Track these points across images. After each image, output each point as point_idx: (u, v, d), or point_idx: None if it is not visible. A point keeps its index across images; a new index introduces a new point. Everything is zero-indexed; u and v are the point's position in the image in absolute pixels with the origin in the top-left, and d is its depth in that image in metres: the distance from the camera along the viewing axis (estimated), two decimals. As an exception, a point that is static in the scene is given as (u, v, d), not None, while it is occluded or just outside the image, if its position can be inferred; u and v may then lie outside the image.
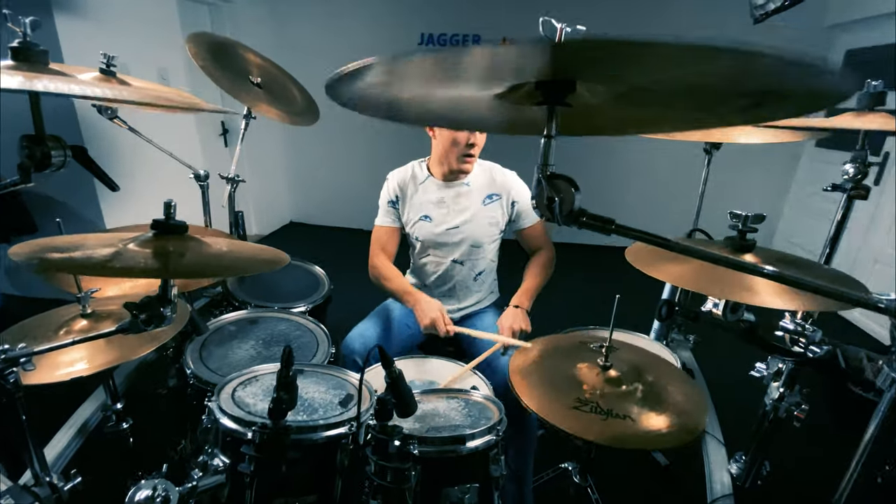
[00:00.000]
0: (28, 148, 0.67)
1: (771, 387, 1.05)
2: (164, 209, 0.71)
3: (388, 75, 0.46)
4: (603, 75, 0.47)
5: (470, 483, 0.84)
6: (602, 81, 0.48)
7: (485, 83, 0.51)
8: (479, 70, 0.48)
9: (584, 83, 0.48)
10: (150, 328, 0.72)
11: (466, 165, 1.58)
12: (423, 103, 0.58)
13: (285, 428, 0.80)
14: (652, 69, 0.41)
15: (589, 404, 0.98)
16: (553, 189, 0.48)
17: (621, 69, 0.44)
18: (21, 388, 0.86)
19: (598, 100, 0.50)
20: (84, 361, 1.09)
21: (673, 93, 0.47)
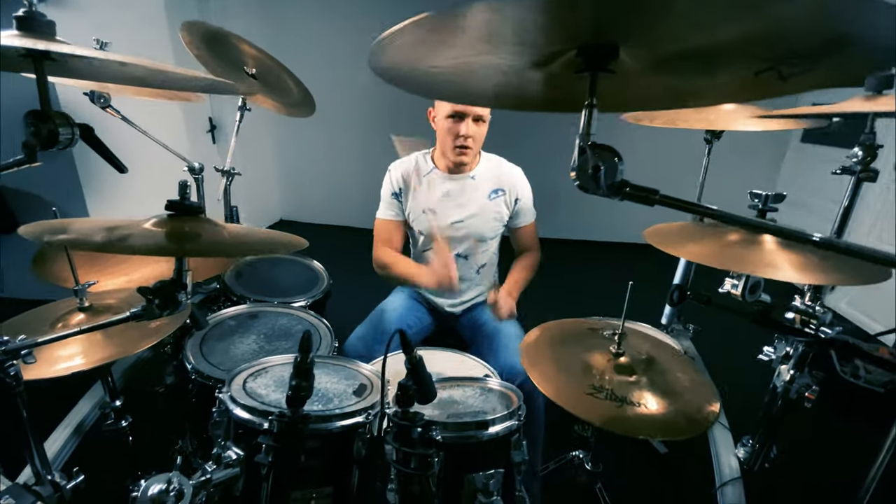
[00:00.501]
0: (34, 125, 0.64)
1: (780, 369, 1.06)
2: (179, 190, 0.68)
3: (436, 33, 0.45)
4: (648, 35, 0.46)
5: (493, 469, 0.82)
6: (646, 44, 0.47)
7: (527, 49, 0.50)
8: (527, 27, 0.47)
9: (627, 49, 0.47)
10: (165, 313, 0.69)
11: (462, 157, 1.56)
12: (460, 76, 0.57)
13: (304, 416, 0.78)
14: (703, 21, 0.40)
15: (604, 391, 0.97)
16: (599, 158, 0.48)
17: (668, 26, 0.43)
18: (21, 382, 0.82)
19: (639, 65, 0.49)
20: (81, 356, 1.05)
21: (715, 55, 0.47)
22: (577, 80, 0.53)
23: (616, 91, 0.57)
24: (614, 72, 0.49)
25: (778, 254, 0.77)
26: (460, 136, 1.50)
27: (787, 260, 0.76)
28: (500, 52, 0.52)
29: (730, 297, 0.97)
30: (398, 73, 0.54)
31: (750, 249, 0.78)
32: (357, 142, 4.51)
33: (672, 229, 0.90)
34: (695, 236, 0.86)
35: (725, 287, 0.86)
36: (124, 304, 1.21)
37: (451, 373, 1.30)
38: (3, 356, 0.77)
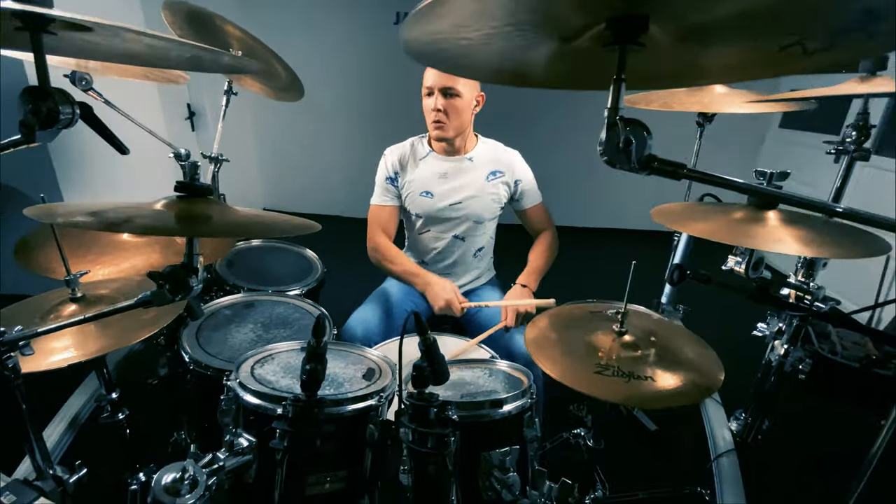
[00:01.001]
0: (32, 102, 0.60)
1: (774, 344, 1.10)
2: (188, 171, 0.66)
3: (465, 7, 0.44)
4: (680, 3, 0.46)
5: (507, 446, 0.84)
6: (676, 14, 0.47)
7: (555, 22, 0.50)
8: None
9: (657, 20, 0.47)
10: (177, 298, 0.67)
11: (438, 132, 1.58)
12: (486, 53, 0.56)
13: (319, 400, 0.77)
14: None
15: (610, 368, 0.99)
16: (630, 132, 0.48)
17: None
18: (20, 374, 0.79)
19: (668, 38, 0.49)
20: (76, 348, 1.01)
21: (744, 26, 0.47)
22: (601, 56, 0.53)
23: (640, 67, 0.57)
24: (644, 44, 0.49)
25: (782, 229, 0.80)
26: (432, 110, 1.53)
27: (791, 235, 0.78)
28: (528, 26, 0.51)
29: (728, 276, 0.99)
30: (427, 48, 0.53)
31: (756, 226, 0.80)
32: (341, 130, 4.44)
33: (678, 209, 0.91)
34: (701, 215, 0.88)
35: (729, 264, 0.88)
36: (119, 294, 1.18)
37: (450, 357, 1.31)
38: (1, 348, 0.74)
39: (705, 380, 0.98)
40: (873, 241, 0.75)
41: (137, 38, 0.63)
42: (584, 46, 0.53)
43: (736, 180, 0.49)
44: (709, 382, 0.97)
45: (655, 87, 0.67)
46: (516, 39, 0.52)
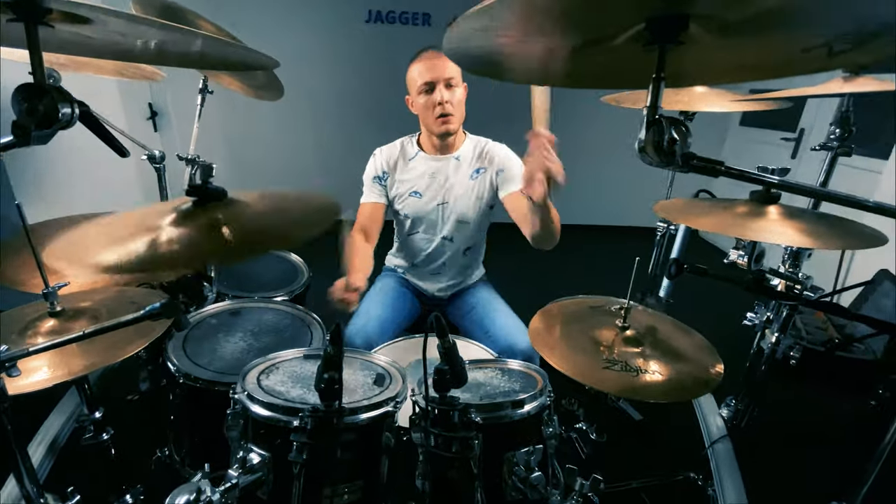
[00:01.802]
0: (27, 101, 0.55)
1: (766, 333, 1.15)
2: (203, 172, 0.62)
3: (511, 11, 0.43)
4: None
5: (528, 445, 0.84)
6: (716, 14, 0.47)
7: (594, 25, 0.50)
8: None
9: (696, 19, 0.48)
10: (192, 309, 0.63)
11: (447, 126, 1.53)
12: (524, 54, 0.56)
13: (339, 410, 0.75)
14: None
15: (618, 363, 1.01)
16: (676, 130, 0.48)
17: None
18: (7, 397, 0.73)
19: (705, 35, 0.50)
20: (55, 367, 0.93)
21: (781, 22, 0.48)
22: (632, 55, 0.54)
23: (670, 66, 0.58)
24: (683, 42, 0.49)
25: (782, 222, 0.83)
26: (438, 104, 1.49)
27: (792, 227, 0.82)
28: (566, 28, 0.51)
29: (724, 268, 1.03)
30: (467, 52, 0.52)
31: (758, 219, 0.83)
32: (315, 130, 4.32)
33: (680, 205, 0.94)
34: (704, 210, 0.91)
35: (732, 257, 0.92)
36: (101, 306, 1.10)
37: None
38: (-14, 370, 0.68)
39: (707, 372, 1.01)
40: (867, 232, 0.79)
41: (142, 31, 0.59)
42: (619, 46, 0.53)
43: (772, 178, 0.50)
44: (710, 375, 1.00)
45: (675, 86, 0.68)
46: (552, 47, 0.52)
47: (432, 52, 1.50)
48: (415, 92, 1.53)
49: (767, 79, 0.60)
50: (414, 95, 1.55)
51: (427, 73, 1.48)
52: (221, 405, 1.21)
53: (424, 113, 1.55)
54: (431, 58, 1.48)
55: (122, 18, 0.52)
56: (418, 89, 1.51)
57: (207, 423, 1.28)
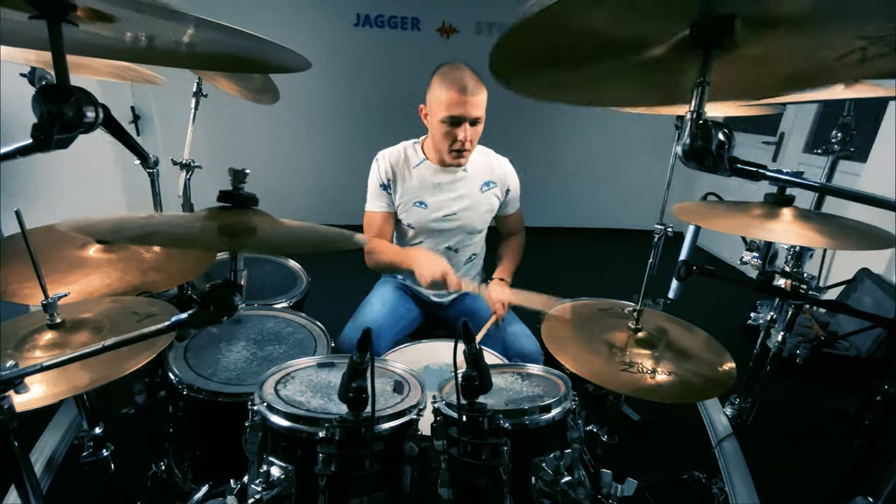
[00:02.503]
0: (50, 103, 0.53)
1: (771, 332, 1.18)
2: (235, 178, 0.60)
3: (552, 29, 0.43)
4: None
5: (554, 450, 0.83)
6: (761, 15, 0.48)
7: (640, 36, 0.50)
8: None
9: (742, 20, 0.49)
10: (222, 320, 0.61)
11: (460, 160, 1.52)
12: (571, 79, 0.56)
13: (367, 419, 0.73)
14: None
15: (635, 365, 1.02)
16: (724, 134, 0.49)
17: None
18: (15, 417, 0.69)
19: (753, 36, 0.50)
20: (55, 383, 0.89)
21: (822, 25, 0.49)
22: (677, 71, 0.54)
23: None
24: (727, 47, 0.50)
25: (796, 224, 0.85)
26: (458, 140, 1.45)
27: (806, 227, 0.84)
28: (611, 46, 0.51)
29: (730, 269, 1.05)
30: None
31: (774, 221, 0.85)
32: (304, 137, 4.25)
33: (697, 207, 0.95)
34: (721, 212, 0.93)
35: (745, 258, 0.93)
36: (102, 318, 1.06)
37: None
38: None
39: (719, 371, 1.03)
40: (878, 234, 0.82)
41: (171, 29, 0.57)
42: (661, 59, 0.54)
43: (812, 182, 0.51)
44: (723, 373, 1.02)
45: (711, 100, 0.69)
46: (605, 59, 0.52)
47: (467, 79, 1.40)
48: (436, 115, 1.45)
49: (797, 90, 0.61)
50: (433, 116, 1.47)
51: (456, 108, 1.40)
52: (228, 417, 1.18)
53: (440, 139, 1.49)
54: (466, 91, 1.39)
55: (160, 17, 0.49)
56: (440, 118, 1.43)
57: (212, 436, 1.25)
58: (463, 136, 1.43)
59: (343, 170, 4.10)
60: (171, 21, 0.53)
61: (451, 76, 1.41)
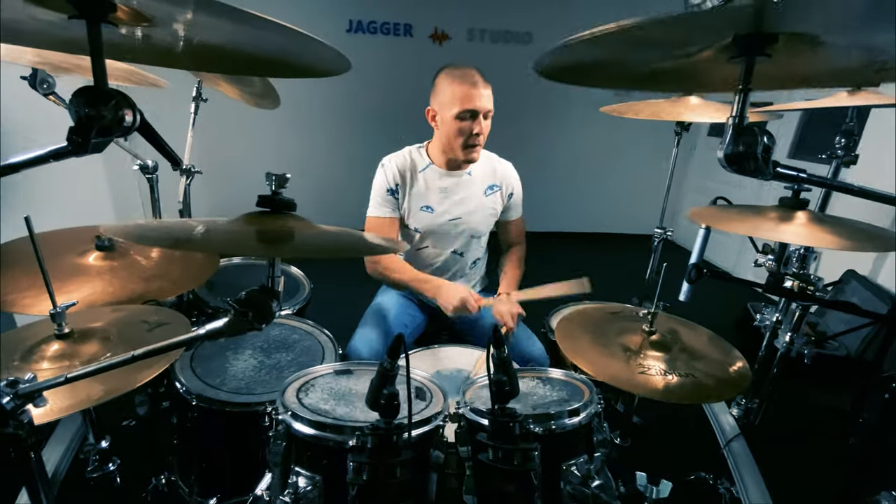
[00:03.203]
0: (90, 105, 0.51)
1: (779, 332, 1.20)
2: (276, 182, 0.59)
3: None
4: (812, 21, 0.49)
5: (581, 454, 0.83)
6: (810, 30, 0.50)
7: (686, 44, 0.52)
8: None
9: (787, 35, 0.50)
10: (261, 326, 0.60)
11: (473, 154, 1.53)
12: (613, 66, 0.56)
13: (399, 426, 0.72)
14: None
15: (652, 368, 1.03)
16: (769, 139, 0.50)
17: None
18: (34, 432, 0.66)
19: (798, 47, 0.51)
20: (65, 396, 0.85)
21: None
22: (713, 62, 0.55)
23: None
24: (770, 55, 0.51)
25: (811, 226, 0.87)
26: (473, 133, 1.46)
27: (820, 230, 0.86)
28: (658, 50, 0.52)
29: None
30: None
31: (790, 224, 0.87)
32: (292, 140, 4.22)
33: (713, 211, 0.97)
34: (736, 215, 0.95)
35: (760, 261, 0.95)
36: (111, 327, 1.03)
37: (467, 367, 1.29)
38: (18, 401, 0.61)
39: (732, 372, 1.05)
40: (888, 236, 0.85)
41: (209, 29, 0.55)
42: (703, 57, 0.55)
43: (852, 185, 0.53)
44: (737, 375, 1.04)
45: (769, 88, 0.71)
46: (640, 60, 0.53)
47: (475, 75, 1.45)
48: (449, 114, 1.45)
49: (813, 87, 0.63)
50: (447, 116, 1.47)
51: (471, 102, 1.42)
52: (238, 427, 1.16)
53: (453, 136, 1.49)
54: (477, 85, 1.43)
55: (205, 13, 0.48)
56: (454, 113, 1.44)
57: (222, 447, 1.21)
58: (478, 129, 1.46)
59: (338, 174, 4.08)
60: (215, 17, 0.52)
61: (461, 73, 1.44)
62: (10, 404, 0.61)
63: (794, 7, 0.46)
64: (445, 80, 1.46)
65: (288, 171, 2.60)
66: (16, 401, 0.61)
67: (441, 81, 1.48)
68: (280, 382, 1.21)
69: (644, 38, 0.52)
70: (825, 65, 0.58)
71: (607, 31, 0.43)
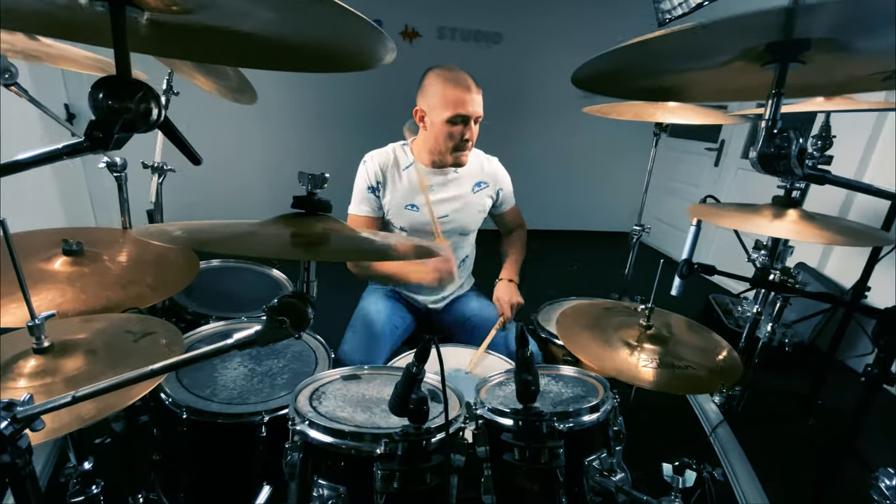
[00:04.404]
0: (114, 98, 0.47)
1: (761, 323, 1.27)
2: (311, 182, 0.55)
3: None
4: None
5: (599, 448, 0.85)
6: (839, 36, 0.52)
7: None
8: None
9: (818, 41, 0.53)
10: (298, 335, 0.56)
11: (462, 158, 1.53)
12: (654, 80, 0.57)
13: (428, 431, 0.71)
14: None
15: (653, 361, 1.06)
16: (805, 141, 0.52)
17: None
18: (31, 458, 0.59)
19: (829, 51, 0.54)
20: (61, 414, 0.78)
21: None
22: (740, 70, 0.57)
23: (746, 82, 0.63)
24: (804, 62, 0.54)
25: (802, 223, 0.93)
26: (464, 140, 1.46)
27: (810, 226, 0.92)
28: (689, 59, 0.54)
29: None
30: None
31: (782, 220, 0.92)
32: (257, 140, 4.05)
33: (712, 208, 1.02)
34: (731, 212, 0.99)
35: (753, 256, 1.00)
36: (94, 339, 0.94)
37: (481, 369, 1.29)
38: (17, 425, 0.55)
39: (725, 362, 1.10)
40: (873, 232, 0.91)
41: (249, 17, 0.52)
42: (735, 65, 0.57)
43: (872, 186, 0.56)
44: (729, 364, 1.09)
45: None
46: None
47: (468, 79, 1.43)
48: (439, 115, 1.43)
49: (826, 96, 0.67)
50: (437, 119, 1.45)
51: (464, 107, 1.41)
52: (232, 439, 1.10)
53: (442, 140, 1.48)
54: (471, 90, 1.42)
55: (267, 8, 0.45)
56: (445, 117, 1.42)
57: (214, 461, 1.15)
58: (469, 135, 1.45)
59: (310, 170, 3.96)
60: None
61: (453, 76, 1.42)
62: (8, 429, 0.55)
63: (825, 13, 0.49)
64: (436, 81, 1.44)
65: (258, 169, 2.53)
66: (14, 425, 0.55)
67: (431, 83, 1.46)
68: (274, 390, 1.17)
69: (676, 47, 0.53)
70: (858, 70, 0.61)
71: (650, 38, 0.43)
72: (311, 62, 0.64)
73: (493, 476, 0.83)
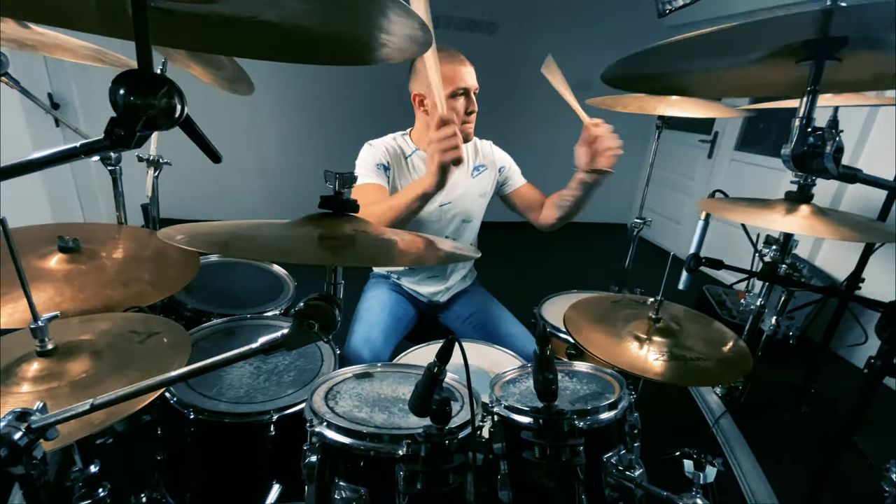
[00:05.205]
0: (137, 93, 0.44)
1: (766, 315, 1.29)
2: (337, 182, 0.53)
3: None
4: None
5: (616, 444, 0.85)
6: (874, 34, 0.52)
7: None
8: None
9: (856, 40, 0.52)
10: (327, 338, 0.55)
11: (468, 128, 1.49)
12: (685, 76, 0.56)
13: (450, 431, 0.70)
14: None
15: (665, 354, 1.07)
16: (840, 140, 0.52)
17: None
18: (47, 469, 0.57)
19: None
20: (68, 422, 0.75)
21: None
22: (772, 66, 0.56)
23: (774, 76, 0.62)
24: (841, 60, 0.53)
25: (814, 218, 0.94)
26: (468, 112, 1.45)
27: (822, 221, 0.92)
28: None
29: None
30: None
31: (795, 215, 0.93)
32: (246, 135, 3.97)
33: (723, 203, 1.02)
34: (745, 207, 0.99)
35: (765, 252, 1.01)
36: (99, 340, 0.92)
37: (489, 364, 1.28)
38: (32, 436, 0.53)
39: (735, 353, 1.11)
40: (882, 228, 0.92)
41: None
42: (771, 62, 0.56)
43: None
44: (740, 355, 1.10)
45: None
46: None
47: (459, 54, 1.43)
48: (444, 94, 1.34)
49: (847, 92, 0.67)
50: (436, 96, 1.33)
51: (464, 80, 1.40)
52: (240, 438, 1.08)
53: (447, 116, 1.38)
54: (465, 62, 1.42)
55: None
56: (451, 91, 1.40)
57: (221, 461, 1.13)
58: (472, 107, 1.45)
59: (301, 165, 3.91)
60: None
61: (446, 54, 1.40)
62: (23, 440, 0.53)
63: (862, 13, 0.48)
64: (428, 61, 1.41)
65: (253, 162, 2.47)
66: (29, 436, 0.53)
67: (426, 64, 1.42)
68: (281, 388, 1.16)
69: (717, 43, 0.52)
70: (885, 67, 0.61)
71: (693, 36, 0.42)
72: (341, 54, 0.61)
73: (509, 472, 0.83)
